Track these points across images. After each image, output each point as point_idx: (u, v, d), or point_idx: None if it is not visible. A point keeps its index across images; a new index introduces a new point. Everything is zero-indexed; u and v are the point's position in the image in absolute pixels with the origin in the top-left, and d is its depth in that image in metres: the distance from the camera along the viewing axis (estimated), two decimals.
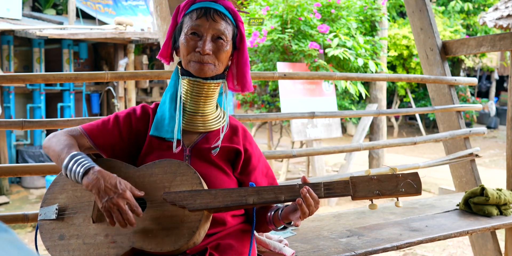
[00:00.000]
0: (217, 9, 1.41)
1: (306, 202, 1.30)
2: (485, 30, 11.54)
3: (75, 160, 1.29)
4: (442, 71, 3.34)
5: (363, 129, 6.43)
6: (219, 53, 1.40)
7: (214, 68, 1.41)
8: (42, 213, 1.36)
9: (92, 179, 1.25)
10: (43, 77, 2.05)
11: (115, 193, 1.23)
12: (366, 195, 1.33)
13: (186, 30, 1.40)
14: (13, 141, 7.29)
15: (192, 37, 1.39)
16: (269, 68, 5.63)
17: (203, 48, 1.37)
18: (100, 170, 1.27)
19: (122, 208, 1.22)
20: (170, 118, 1.44)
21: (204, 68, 1.39)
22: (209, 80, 1.41)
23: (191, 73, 1.41)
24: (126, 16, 9.59)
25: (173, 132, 1.43)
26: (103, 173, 1.26)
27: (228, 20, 1.42)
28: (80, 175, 1.27)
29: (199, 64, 1.39)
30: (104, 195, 1.23)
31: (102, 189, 1.23)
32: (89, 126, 1.46)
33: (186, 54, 1.40)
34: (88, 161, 1.30)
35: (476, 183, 3.19)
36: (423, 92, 12.69)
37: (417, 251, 4.33)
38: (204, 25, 1.38)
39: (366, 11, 6.22)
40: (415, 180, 1.34)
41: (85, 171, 1.27)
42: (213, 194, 1.31)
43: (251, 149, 1.52)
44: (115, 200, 1.22)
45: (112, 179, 1.26)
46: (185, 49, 1.40)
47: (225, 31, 1.40)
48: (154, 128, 1.45)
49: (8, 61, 7.30)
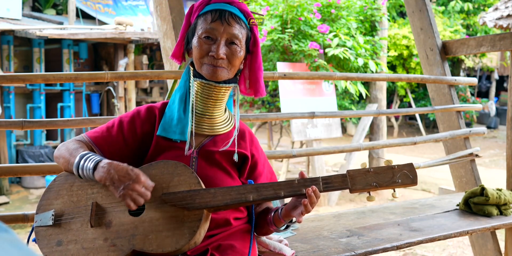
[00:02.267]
0: (232, 12, 1.39)
1: (310, 200, 1.32)
2: (485, 30, 11.54)
3: (85, 158, 1.31)
4: (442, 71, 3.34)
5: (363, 129, 6.43)
6: (232, 58, 1.39)
7: (227, 72, 1.40)
8: (38, 219, 1.34)
9: (103, 171, 1.26)
10: (43, 77, 2.05)
11: (130, 179, 1.25)
12: (363, 187, 1.34)
13: (200, 32, 1.39)
14: (13, 141, 7.28)
15: (206, 41, 1.38)
16: (269, 68, 5.63)
17: (217, 52, 1.36)
18: (109, 162, 1.28)
19: (141, 192, 1.25)
20: (178, 119, 1.44)
21: (217, 72, 1.38)
22: (221, 84, 1.41)
23: (203, 75, 1.40)
24: (126, 16, 9.59)
25: (180, 133, 1.42)
26: (113, 164, 1.27)
27: (242, 23, 1.41)
28: (91, 170, 1.29)
29: (212, 67, 1.38)
30: (120, 184, 1.25)
31: (116, 179, 1.25)
32: (94, 133, 1.45)
33: (199, 57, 1.39)
34: (97, 156, 1.32)
35: (476, 183, 3.19)
36: (423, 92, 12.69)
37: (417, 251, 4.33)
38: (218, 29, 1.37)
39: (366, 11, 6.22)
40: (411, 171, 1.36)
41: (95, 165, 1.28)
42: (212, 193, 1.31)
43: (258, 155, 1.53)
44: (131, 186, 1.24)
45: (123, 167, 1.27)
46: (199, 52, 1.39)
47: (239, 35, 1.39)
48: (162, 128, 1.44)
49: (8, 61, 7.30)
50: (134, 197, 1.24)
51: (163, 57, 2.49)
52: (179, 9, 2.39)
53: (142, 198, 1.25)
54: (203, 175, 1.41)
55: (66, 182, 1.38)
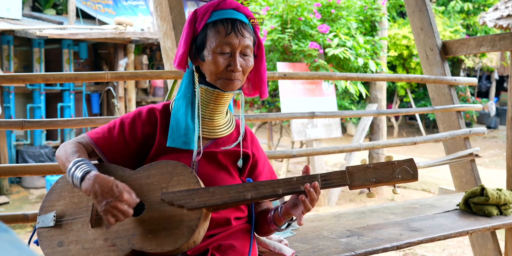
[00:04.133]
0: (241, 20, 1.38)
1: (310, 197, 1.29)
2: (485, 30, 11.55)
3: (77, 166, 1.30)
4: (442, 71, 3.34)
5: (363, 129, 6.43)
6: (247, 69, 1.39)
7: (240, 83, 1.41)
8: (40, 221, 1.35)
9: (88, 184, 1.25)
10: (43, 77, 2.05)
11: (113, 197, 1.22)
12: (363, 183, 1.32)
13: (214, 46, 1.35)
14: (13, 141, 7.29)
15: (221, 55, 1.36)
16: (269, 68, 5.63)
17: (236, 67, 1.35)
18: (96, 174, 1.26)
19: (122, 209, 1.22)
20: (186, 129, 1.42)
21: (233, 84, 1.38)
22: (228, 92, 1.41)
23: (210, 83, 1.40)
24: (126, 16, 9.59)
25: (190, 143, 1.41)
26: (99, 178, 1.25)
27: (249, 30, 1.41)
28: (78, 180, 1.27)
29: (229, 81, 1.37)
30: (102, 200, 1.23)
31: (99, 194, 1.23)
32: (96, 134, 1.45)
33: (217, 72, 1.37)
34: (87, 165, 1.30)
35: (476, 183, 3.19)
36: (423, 92, 12.69)
37: (417, 251, 4.33)
38: (234, 43, 1.35)
39: (366, 11, 6.22)
40: (411, 166, 1.33)
41: (83, 175, 1.27)
42: (211, 192, 1.31)
43: (258, 154, 1.54)
44: (113, 203, 1.22)
45: (109, 182, 1.25)
46: (216, 68, 1.36)
47: (250, 44, 1.39)
48: (171, 139, 1.41)
49: (8, 61, 7.30)
50: (114, 214, 1.22)
51: (163, 57, 2.49)
52: (179, 9, 2.39)
53: (123, 216, 1.23)
54: (204, 174, 1.41)
55: (68, 184, 1.39)
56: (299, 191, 1.32)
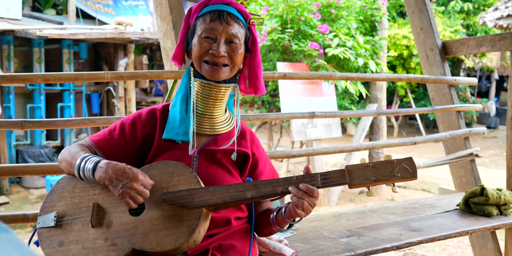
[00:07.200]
0: (230, 12, 1.41)
1: (297, 195, 1.31)
2: (485, 30, 11.55)
3: (86, 160, 1.33)
4: (442, 71, 3.34)
5: (363, 129, 6.43)
6: (233, 54, 1.41)
7: (229, 71, 1.42)
8: (41, 221, 1.36)
9: (101, 171, 1.29)
10: (43, 77, 2.05)
11: (128, 178, 1.26)
12: (362, 182, 1.32)
13: (199, 32, 1.41)
14: (13, 141, 7.29)
15: (206, 40, 1.40)
16: (269, 68, 5.63)
17: (218, 50, 1.38)
18: (107, 162, 1.30)
19: (139, 189, 1.26)
20: (181, 120, 1.45)
21: (217, 72, 1.40)
22: (221, 84, 1.42)
23: (203, 75, 1.42)
24: (126, 16, 9.59)
25: (184, 134, 1.44)
26: (111, 164, 1.29)
27: (240, 23, 1.43)
28: (90, 171, 1.31)
29: (213, 66, 1.39)
30: (118, 183, 1.26)
31: (114, 178, 1.27)
32: (97, 137, 1.48)
33: (199, 56, 1.41)
34: (96, 157, 1.34)
35: (476, 183, 3.19)
36: (423, 92, 12.69)
37: (417, 251, 4.33)
38: (217, 28, 1.39)
39: (366, 11, 6.22)
40: (410, 164, 1.33)
41: (94, 166, 1.31)
42: (211, 191, 1.31)
43: (258, 154, 1.55)
44: (129, 184, 1.25)
45: (121, 166, 1.29)
46: (198, 51, 1.40)
47: (238, 34, 1.41)
48: (166, 131, 1.45)
49: (8, 61, 7.30)
50: (132, 195, 1.26)
51: (163, 57, 2.49)
52: (179, 9, 2.39)
53: (140, 196, 1.26)
54: (204, 174, 1.41)
55: (69, 185, 1.40)
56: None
